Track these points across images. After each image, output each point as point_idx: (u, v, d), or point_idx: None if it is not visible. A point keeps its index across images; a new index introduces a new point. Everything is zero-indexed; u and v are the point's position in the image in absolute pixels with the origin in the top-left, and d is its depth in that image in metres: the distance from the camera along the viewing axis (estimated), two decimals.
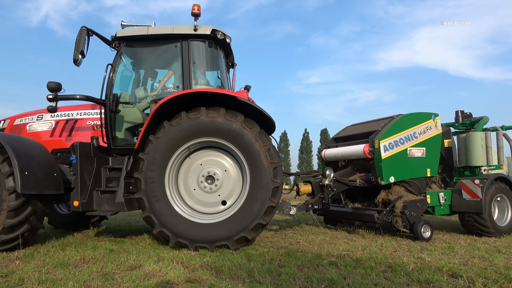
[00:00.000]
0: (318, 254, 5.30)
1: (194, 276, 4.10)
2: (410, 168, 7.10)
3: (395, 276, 4.18)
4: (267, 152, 5.53)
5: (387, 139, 6.90)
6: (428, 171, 7.25)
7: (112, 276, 4.12)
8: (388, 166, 6.87)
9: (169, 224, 5.54)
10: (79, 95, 6.05)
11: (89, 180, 5.92)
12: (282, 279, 3.98)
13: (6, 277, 4.08)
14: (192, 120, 5.60)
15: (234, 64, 7.56)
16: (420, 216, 6.72)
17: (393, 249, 5.80)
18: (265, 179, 5.51)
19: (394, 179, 6.93)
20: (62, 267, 4.50)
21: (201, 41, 6.42)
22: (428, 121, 7.37)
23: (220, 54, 6.76)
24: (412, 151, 7.10)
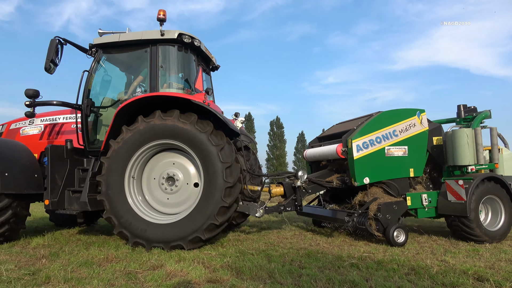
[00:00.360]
0: (339, 255, 5.26)
1: (215, 276, 4.13)
2: (388, 169, 6.71)
3: (418, 279, 4.11)
4: (219, 152, 5.60)
5: (361, 138, 6.57)
6: (411, 171, 6.84)
7: (135, 276, 4.19)
8: (362, 167, 6.54)
9: (128, 225, 5.73)
10: (55, 101, 6.46)
11: (61, 181, 6.31)
12: (303, 280, 3.96)
13: (33, 275, 4.20)
14: (147, 124, 5.79)
15: (216, 66, 7.90)
16: (396, 219, 6.31)
17: (416, 251, 5.70)
18: (218, 179, 5.56)
19: (369, 180, 6.59)
20: (87, 266, 4.60)
21: (170, 45, 6.54)
22: (412, 118, 6.89)
23: (192, 58, 6.84)
24: (391, 150, 6.71)
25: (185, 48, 6.67)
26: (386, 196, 6.61)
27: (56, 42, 6.23)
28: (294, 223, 9.26)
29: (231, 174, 5.63)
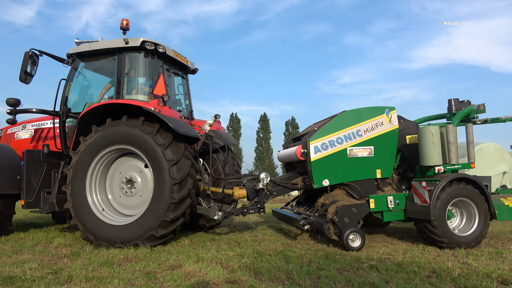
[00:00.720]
0: (357, 257, 5.20)
1: (234, 277, 4.14)
2: (351, 170, 6.42)
3: (440, 281, 4.03)
4: (164, 150, 5.82)
5: (319, 140, 6.31)
6: (377, 172, 6.51)
7: (154, 275, 4.23)
8: (320, 169, 6.31)
9: (91, 228, 6.04)
10: (35, 109, 6.93)
11: (37, 182, 6.81)
12: (322, 282, 3.94)
13: (56, 274, 4.29)
14: (100, 132, 6.17)
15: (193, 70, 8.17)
16: (355, 223, 6.13)
17: (436, 253, 5.60)
18: (165, 177, 5.80)
19: (328, 182, 6.35)
20: (107, 265, 4.67)
21: (137, 52, 6.84)
22: (379, 117, 6.52)
23: (159, 64, 7.08)
24: (354, 151, 6.40)
25: (152, 55, 6.95)
26: (348, 198, 6.40)
27: (30, 55, 6.65)
28: None
29: (178, 170, 5.81)
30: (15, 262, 4.85)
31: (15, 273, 4.27)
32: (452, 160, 6.28)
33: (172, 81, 7.78)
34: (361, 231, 5.94)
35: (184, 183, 5.90)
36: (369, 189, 6.50)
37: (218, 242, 6.52)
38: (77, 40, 7.17)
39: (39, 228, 8.14)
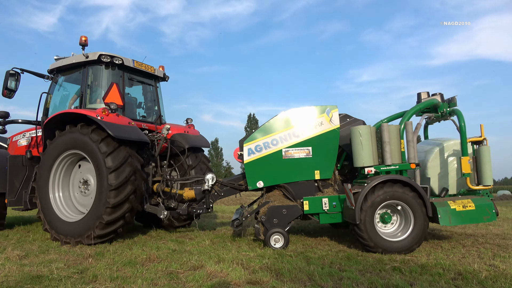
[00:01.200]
0: (380, 258, 5.14)
1: (255, 277, 4.15)
2: (286, 172, 6.32)
3: (466, 284, 3.94)
4: (105, 158, 6.31)
5: (253, 142, 6.33)
6: (316, 173, 6.31)
7: (176, 276, 4.28)
8: (254, 171, 6.35)
9: (49, 222, 6.79)
10: (21, 120, 7.92)
11: (19, 184, 7.68)
12: (344, 283, 3.90)
13: (81, 274, 4.39)
14: (60, 137, 6.85)
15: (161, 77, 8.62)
16: (285, 224, 6.08)
17: (461, 255, 5.47)
18: (104, 182, 6.30)
19: (263, 184, 6.37)
20: (131, 265, 4.75)
21: (99, 65, 7.47)
22: (319, 116, 6.30)
23: (119, 74, 7.68)
24: (290, 152, 6.28)
25: (112, 66, 7.56)
26: (283, 199, 6.34)
27: (11, 73, 7.48)
28: (332, 225, 9.14)
29: (116, 177, 6.25)
30: (42, 262, 4.99)
31: (43, 273, 4.39)
32: (387, 160, 5.97)
33: (138, 89, 8.50)
34: (285, 232, 5.95)
35: (122, 189, 6.29)
36: (307, 190, 6.34)
37: (238, 242, 6.54)
38: (56, 57, 7.89)
39: None
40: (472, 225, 8.93)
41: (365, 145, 5.91)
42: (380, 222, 5.90)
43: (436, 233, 7.64)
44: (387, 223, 5.91)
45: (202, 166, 8.32)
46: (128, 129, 6.70)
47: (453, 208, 5.76)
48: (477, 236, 7.22)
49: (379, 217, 5.89)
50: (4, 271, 4.48)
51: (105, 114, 6.52)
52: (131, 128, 6.80)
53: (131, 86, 8.25)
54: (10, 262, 4.91)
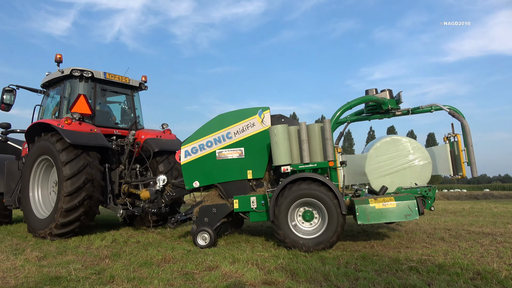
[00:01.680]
0: (396, 258, 5.08)
1: (270, 278, 4.14)
2: (220, 172, 6.56)
3: (486, 284, 3.87)
4: (63, 167, 7.02)
5: (190, 144, 6.67)
6: (248, 173, 6.47)
7: (192, 276, 4.31)
8: (190, 171, 6.68)
9: (27, 217, 7.86)
10: (19, 129, 9.07)
11: (15, 186, 8.66)
12: (360, 283, 3.87)
13: (98, 274, 4.45)
14: (36, 144, 7.78)
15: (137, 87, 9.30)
16: (215, 222, 6.34)
17: (479, 254, 5.37)
18: (61, 187, 7.03)
19: (199, 184, 6.69)
20: (147, 266, 4.80)
21: (73, 79, 8.31)
22: (251, 118, 6.48)
23: (91, 86, 8.48)
24: (223, 153, 6.54)
25: (85, 80, 8.37)
26: (218, 199, 6.60)
27: (7, 89, 8.61)
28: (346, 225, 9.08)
29: (71, 185, 6.95)
30: (60, 263, 5.07)
31: (61, 274, 4.47)
32: (304, 159, 6.02)
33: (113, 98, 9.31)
34: (212, 231, 6.14)
35: (76, 195, 6.99)
36: (240, 190, 6.50)
37: (253, 243, 6.55)
38: (47, 73, 8.81)
39: (80, 231, 8.44)
40: (490, 224, 8.77)
41: (280, 144, 6.03)
42: (302, 219, 5.97)
43: (452, 232, 7.53)
44: (309, 220, 5.95)
45: (174, 172, 8.69)
46: (88, 136, 7.40)
47: (373, 206, 5.70)
48: (496, 235, 7.09)
49: (302, 215, 5.97)
50: (23, 272, 4.57)
51: (67, 123, 7.28)
52: (92, 134, 7.51)
53: (104, 96, 8.99)
54: (29, 263, 5.01)
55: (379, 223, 7.39)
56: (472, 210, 13.85)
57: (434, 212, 12.86)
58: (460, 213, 12.46)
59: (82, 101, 7.87)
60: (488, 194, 33.59)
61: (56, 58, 8.28)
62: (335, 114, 6.36)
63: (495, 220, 9.72)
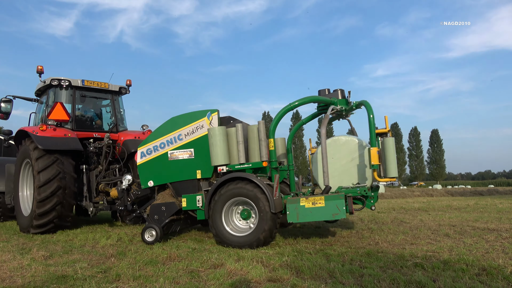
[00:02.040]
0: (401, 255, 5.07)
1: (275, 275, 4.15)
2: (172, 172, 6.83)
3: (491, 280, 3.86)
4: (36, 175, 7.64)
5: (146, 146, 7.04)
6: (198, 173, 6.66)
7: (197, 274, 4.32)
8: (145, 172, 7.06)
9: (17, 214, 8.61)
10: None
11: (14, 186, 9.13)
12: (366, 280, 3.87)
13: (105, 273, 4.47)
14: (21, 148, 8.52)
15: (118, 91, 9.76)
16: (165, 220, 6.65)
17: (485, 250, 5.36)
18: (35, 181, 7.69)
19: (153, 183, 7.02)
20: (152, 264, 4.82)
21: (54, 87, 8.95)
22: (200, 120, 6.69)
23: (70, 93, 9.08)
24: (174, 154, 6.79)
25: (65, 88, 8.99)
26: (170, 197, 6.91)
27: (4, 100, 9.31)
28: (350, 222, 9.08)
29: (43, 191, 7.59)
30: (66, 262, 5.10)
31: (67, 272, 4.50)
32: (240, 159, 6.19)
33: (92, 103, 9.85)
34: (158, 228, 6.47)
35: (47, 202, 7.62)
36: (190, 189, 6.73)
37: None
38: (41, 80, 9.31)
39: (86, 230, 8.51)
40: (495, 220, 8.75)
41: (216, 146, 6.24)
42: (240, 217, 6.20)
43: (457, 229, 7.52)
44: (246, 219, 6.15)
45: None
46: (60, 141, 7.99)
47: (303, 205, 5.75)
48: (501, 230, 7.07)
49: (240, 213, 6.19)
50: (30, 271, 4.60)
51: (42, 129, 7.92)
52: (65, 139, 8.10)
53: (83, 102, 9.54)
54: (36, 263, 5.04)
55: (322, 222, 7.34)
56: (477, 206, 13.82)
57: (439, 209, 12.84)
58: (465, 209, 12.44)
59: (59, 108, 8.42)
60: (492, 190, 33.43)
61: (38, 70, 8.96)
62: (277, 116, 6.31)
63: (500, 216, 9.70)
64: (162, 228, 6.56)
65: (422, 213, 11.34)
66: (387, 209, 13.08)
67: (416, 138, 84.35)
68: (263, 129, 6.15)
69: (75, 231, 8.22)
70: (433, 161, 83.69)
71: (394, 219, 9.49)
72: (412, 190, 33.66)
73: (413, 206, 14.21)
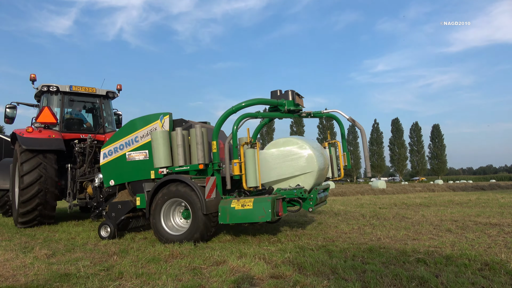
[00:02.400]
0: (403, 250, 5.08)
1: (278, 272, 4.16)
2: (129, 172, 7.17)
3: (494, 274, 3.86)
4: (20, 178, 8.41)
5: (108, 147, 7.46)
6: (151, 173, 6.89)
7: (200, 271, 4.33)
8: (107, 171, 7.49)
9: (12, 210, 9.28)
10: None
11: None
12: (368, 276, 3.87)
13: (107, 271, 4.48)
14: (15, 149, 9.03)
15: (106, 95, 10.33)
16: (120, 217, 7.00)
17: (487, 245, 5.36)
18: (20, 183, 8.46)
19: (114, 183, 7.42)
20: (154, 262, 4.83)
21: (46, 93, 9.73)
22: (154, 123, 6.96)
23: (59, 98, 9.73)
24: (132, 155, 7.12)
25: (55, 93, 9.70)
26: (127, 196, 7.24)
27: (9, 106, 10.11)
28: (352, 218, 9.08)
29: (25, 194, 8.33)
30: (69, 260, 5.11)
31: (70, 271, 4.51)
32: (179, 161, 6.42)
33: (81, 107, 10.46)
34: (112, 225, 6.88)
35: (29, 203, 8.36)
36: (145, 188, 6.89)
37: (259, 237, 6.57)
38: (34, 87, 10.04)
39: (88, 228, 8.53)
40: (497, 215, 8.75)
41: (158, 149, 6.56)
42: (181, 216, 6.49)
43: (459, 224, 7.51)
44: (186, 218, 6.39)
45: None
46: (43, 141, 8.61)
47: (233, 207, 5.88)
48: (503, 225, 7.07)
49: (182, 213, 6.46)
50: (33, 270, 4.61)
51: (28, 131, 8.62)
52: (49, 140, 8.72)
53: (72, 106, 10.17)
54: (39, 261, 5.05)
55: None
56: (479, 201, 13.81)
57: (440, 204, 12.84)
58: (467, 204, 12.43)
59: (47, 111, 9.10)
60: (494, 185, 33.41)
61: (31, 78, 9.74)
62: (220, 119, 6.39)
63: (502, 211, 9.69)
64: (117, 225, 6.98)
65: (423, 208, 11.34)
66: (388, 204, 13.08)
67: (417, 133, 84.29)
68: (200, 133, 6.34)
69: (77, 229, 8.23)
70: (434, 156, 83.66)
71: (396, 214, 9.49)
72: (413, 185, 33.67)
73: (415, 201, 14.21)
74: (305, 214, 10.18)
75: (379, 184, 27.73)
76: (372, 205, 12.82)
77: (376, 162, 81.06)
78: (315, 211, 6.08)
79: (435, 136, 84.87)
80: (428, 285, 3.56)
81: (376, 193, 22.85)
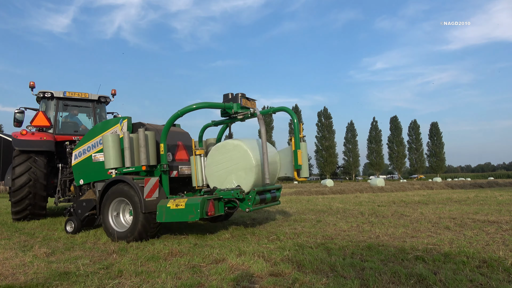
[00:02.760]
0: (401, 248, 5.10)
1: (277, 269, 4.17)
2: (95, 172, 7.67)
3: (492, 272, 3.88)
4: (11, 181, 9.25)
5: (79, 148, 8.03)
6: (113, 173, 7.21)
7: (199, 269, 4.34)
8: (77, 171, 8.09)
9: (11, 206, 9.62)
10: None
11: None
12: (367, 273, 3.89)
13: (107, 269, 4.49)
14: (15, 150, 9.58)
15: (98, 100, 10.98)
16: (84, 214, 7.43)
17: (485, 242, 5.39)
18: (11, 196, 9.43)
19: (83, 182, 8.00)
20: (154, 260, 4.84)
21: (43, 99, 10.46)
22: (114, 126, 7.38)
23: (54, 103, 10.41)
24: (97, 157, 7.64)
25: (51, 99, 10.43)
26: (92, 194, 7.66)
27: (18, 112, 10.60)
28: (351, 216, 9.10)
29: (15, 195, 9.22)
30: (68, 259, 5.12)
31: (70, 269, 4.51)
32: (126, 163, 6.74)
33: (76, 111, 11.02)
34: (76, 221, 7.41)
35: (20, 203, 9.27)
36: None
37: (258, 235, 6.58)
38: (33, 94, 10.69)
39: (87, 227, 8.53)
40: (495, 212, 8.78)
41: (107, 151, 6.89)
42: (129, 215, 6.76)
43: (458, 221, 7.54)
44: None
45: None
46: (35, 143, 9.32)
47: (169, 206, 6.10)
48: (501, 223, 7.09)
49: (129, 211, 6.70)
50: (33, 268, 4.62)
51: (22, 133, 9.31)
52: (40, 141, 9.39)
53: (67, 110, 10.80)
54: (38, 260, 5.06)
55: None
56: (477, 198, 13.86)
57: (439, 201, 12.87)
58: (465, 202, 12.47)
59: (41, 116, 9.75)
60: (492, 182, 33.47)
61: (30, 85, 10.46)
62: (167, 123, 6.65)
63: (500, 208, 9.73)
64: (81, 221, 7.46)
65: (422, 206, 11.37)
66: (387, 202, 13.11)
67: (416, 131, 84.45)
68: (143, 136, 6.63)
69: None
70: (433, 154, 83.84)
71: (394, 212, 9.52)
72: (412, 183, 33.72)
73: (413, 199, 14.24)
74: (303, 212, 10.20)
75: (378, 182, 27.76)
76: (370, 203, 12.84)
77: (375, 160, 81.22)
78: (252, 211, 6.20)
79: (434, 134, 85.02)
80: (427, 282, 3.58)
81: (375, 191, 22.88)
